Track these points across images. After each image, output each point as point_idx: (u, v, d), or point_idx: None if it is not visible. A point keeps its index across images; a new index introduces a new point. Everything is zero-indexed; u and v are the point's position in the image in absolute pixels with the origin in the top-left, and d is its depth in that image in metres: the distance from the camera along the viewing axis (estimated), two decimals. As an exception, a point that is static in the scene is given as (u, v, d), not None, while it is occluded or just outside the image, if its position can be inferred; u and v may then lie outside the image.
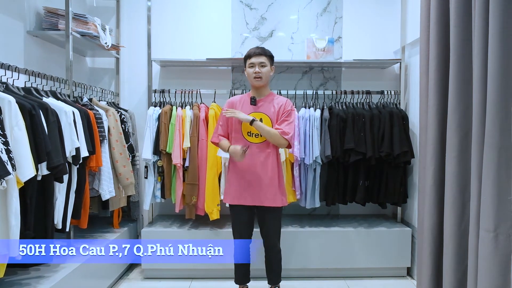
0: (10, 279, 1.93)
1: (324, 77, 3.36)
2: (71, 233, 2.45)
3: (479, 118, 1.69)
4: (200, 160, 2.86)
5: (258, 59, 2.28)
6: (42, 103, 1.97)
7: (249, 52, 2.33)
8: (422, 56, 2.24)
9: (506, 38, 1.54)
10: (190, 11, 3.32)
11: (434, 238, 2.10)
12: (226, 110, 2.29)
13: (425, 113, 2.22)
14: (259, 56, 2.29)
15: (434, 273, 2.11)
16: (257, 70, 2.27)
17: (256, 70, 2.27)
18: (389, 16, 3.28)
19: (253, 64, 2.29)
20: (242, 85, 3.33)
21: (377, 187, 2.94)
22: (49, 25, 2.53)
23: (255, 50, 2.31)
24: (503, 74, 1.55)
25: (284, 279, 2.57)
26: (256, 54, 2.29)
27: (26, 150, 1.72)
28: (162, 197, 2.94)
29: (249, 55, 2.31)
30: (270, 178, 2.31)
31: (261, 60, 2.29)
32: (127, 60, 3.33)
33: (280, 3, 3.33)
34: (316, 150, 2.85)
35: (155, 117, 2.91)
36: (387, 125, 2.87)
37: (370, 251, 2.91)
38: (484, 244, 1.60)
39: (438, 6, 2.07)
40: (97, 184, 2.53)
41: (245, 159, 2.27)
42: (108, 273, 2.64)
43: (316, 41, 3.09)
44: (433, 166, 2.10)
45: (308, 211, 3.30)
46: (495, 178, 1.57)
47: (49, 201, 1.99)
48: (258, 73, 2.27)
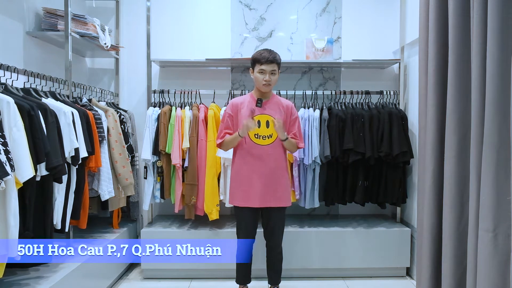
0: (9, 279, 1.93)
1: (323, 77, 3.36)
2: (71, 233, 2.45)
3: (478, 118, 1.69)
4: (200, 161, 2.86)
5: (270, 67, 2.26)
6: (41, 103, 1.97)
7: (261, 56, 2.27)
8: (421, 56, 2.24)
9: (504, 38, 1.54)
10: (189, 12, 3.33)
11: (433, 238, 2.10)
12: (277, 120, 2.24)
13: (424, 113, 2.23)
14: (271, 64, 2.26)
15: (433, 273, 2.11)
16: (267, 78, 2.26)
17: (267, 78, 2.26)
18: (388, 16, 3.28)
19: (264, 71, 2.26)
20: (241, 85, 3.33)
21: (376, 187, 2.94)
22: (48, 26, 2.53)
23: (268, 56, 2.25)
24: (501, 74, 1.55)
25: (283, 279, 2.57)
26: (268, 61, 2.25)
27: (25, 151, 1.72)
28: (162, 197, 2.94)
29: (260, 61, 2.26)
30: (278, 179, 2.33)
31: (273, 68, 2.27)
32: (126, 60, 3.34)
33: (280, 3, 3.33)
34: (315, 150, 2.85)
35: (154, 117, 2.91)
36: (386, 125, 2.87)
37: (369, 251, 2.91)
38: (483, 244, 1.60)
39: (437, 6, 2.08)
40: (97, 184, 2.53)
41: (253, 160, 2.29)
42: (108, 273, 2.64)
43: (315, 41, 3.09)
44: (432, 166, 2.11)
45: (308, 211, 3.30)
46: (494, 178, 1.57)
47: (48, 202, 1.99)
48: (268, 80, 2.27)
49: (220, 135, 2.38)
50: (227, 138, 2.34)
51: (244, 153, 2.33)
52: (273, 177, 2.32)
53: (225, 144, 2.36)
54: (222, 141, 2.36)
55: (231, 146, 2.37)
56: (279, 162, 2.34)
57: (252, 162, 2.31)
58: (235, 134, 2.29)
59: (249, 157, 2.32)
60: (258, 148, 2.30)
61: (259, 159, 2.30)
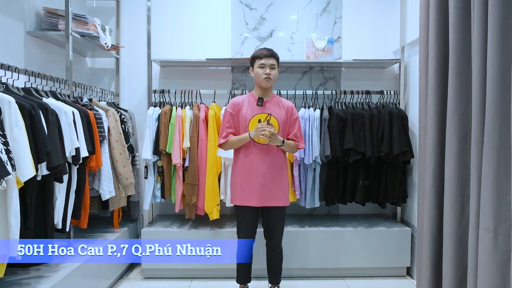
0: (10, 279, 1.93)
1: (323, 77, 3.36)
2: (71, 233, 2.45)
3: (479, 118, 1.69)
4: (200, 160, 2.86)
5: (269, 61, 2.31)
6: (42, 103, 1.97)
7: (259, 53, 2.33)
8: (422, 56, 2.24)
9: (504, 38, 1.54)
10: (190, 11, 3.33)
11: (434, 238, 2.10)
12: (268, 130, 2.20)
13: (425, 113, 2.23)
14: (270, 58, 2.31)
15: (433, 273, 2.11)
16: (267, 72, 2.30)
17: (267, 72, 2.30)
18: (388, 16, 3.28)
19: (264, 65, 2.31)
20: (242, 85, 3.34)
21: (377, 187, 2.94)
22: (49, 26, 2.54)
23: (266, 52, 2.32)
24: (502, 74, 1.55)
25: (284, 279, 2.57)
26: (267, 56, 2.31)
27: (26, 150, 1.73)
28: (162, 197, 2.94)
29: (259, 56, 2.32)
30: (277, 178, 2.33)
31: (272, 62, 2.32)
32: (127, 60, 3.34)
33: (280, 3, 3.33)
34: (316, 150, 2.85)
35: (155, 117, 2.92)
36: (386, 125, 2.88)
37: (369, 250, 2.91)
38: (483, 243, 1.60)
39: (437, 6, 2.08)
40: (97, 184, 2.53)
41: (251, 160, 2.30)
42: (108, 273, 2.64)
43: (315, 41, 3.09)
44: (433, 166, 2.11)
45: (308, 211, 3.30)
46: (495, 178, 1.57)
47: (49, 201, 1.99)
48: (268, 74, 2.30)
49: (222, 134, 2.37)
50: (233, 139, 2.33)
51: (244, 152, 2.34)
52: (272, 176, 2.32)
53: (229, 144, 2.35)
54: (225, 141, 2.34)
55: (236, 146, 2.36)
56: (278, 161, 2.35)
57: (252, 161, 2.31)
58: (245, 135, 2.28)
59: (249, 156, 2.32)
60: (258, 147, 2.31)
61: (259, 158, 2.30)
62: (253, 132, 2.24)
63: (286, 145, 2.32)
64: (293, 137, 2.38)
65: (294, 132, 2.39)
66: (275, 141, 2.23)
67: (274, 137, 2.21)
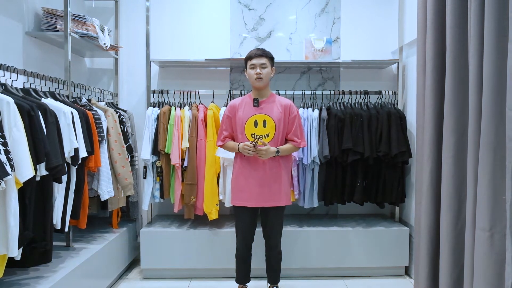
0: (9, 279, 1.94)
1: (322, 78, 3.37)
2: (70, 233, 2.46)
3: (475, 118, 1.70)
4: (199, 160, 2.87)
5: (259, 60, 2.31)
6: (41, 104, 1.98)
7: (250, 53, 2.35)
8: (419, 56, 2.25)
9: (501, 39, 1.55)
10: (188, 12, 3.33)
11: (431, 237, 2.11)
12: (252, 152, 2.24)
13: (422, 113, 2.23)
14: (260, 58, 2.31)
15: (431, 272, 2.12)
16: (258, 71, 2.30)
17: (257, 71, 2.30)
18: (387, 17, 3.29)
19: (254, 65, 2.31)
20: (240, 85, 3.34)
21: (375, 187, 2.95)
22: (47, 26, 2.54)
23: (256, 52, 2.33)
24: (498, 74, 1.56)
25: (283, 279, 2.58)
26: (257, 55, 2.31)
27: (25, 151, 1.73)
28: (161, 197, 2.95)
29: (250, 57, 2.33)
30: (276, 179, 2.34)
31: (262, 62, 2.31)
32: (126, 60, 3.34)
33: (279, 3, 3.34)
34: (314, 150, 2.86)
35: (154, 117, 2.92)
36: (385, 125, 2.89)
37: (368, 250, 2.92)
38: (480, 243, 1.61)
39: (434, 7, 2.09)
40: (96, 184, 2.53)
41: (251, 160, 2.31)
42: (107, 273, 2.65)
43: (314, 41, 3.10)
44: (430, 166, 2.12)
45: (307, 211, 3.31)
46: (491, 178, 1.58)
47: (48, 202, 1.99)
48: (259, 74, 2.30)
49: (220, 137, 2.43)
50: (229, 145, 2.39)
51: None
52: (270, 176, 2.32)
53: (226, 149, 2.45)
54: (223, 144, 2.42)
55: (231, 152, 2.45)
56: (276, 162, 2.34)
57: (250, 162, 2.32)
58: (236, 146, 2.33)
59: (249, 156, 2.32)
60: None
61: (256, 159, 2.31)
62: (241, 147, 2.28)
63: (282, 152, 2.32)
64: (292, 136, 2.38)
65: (293, 131, 2.38)
66: (268, 155, 2.26)
67: (264, 153, 2.23)
